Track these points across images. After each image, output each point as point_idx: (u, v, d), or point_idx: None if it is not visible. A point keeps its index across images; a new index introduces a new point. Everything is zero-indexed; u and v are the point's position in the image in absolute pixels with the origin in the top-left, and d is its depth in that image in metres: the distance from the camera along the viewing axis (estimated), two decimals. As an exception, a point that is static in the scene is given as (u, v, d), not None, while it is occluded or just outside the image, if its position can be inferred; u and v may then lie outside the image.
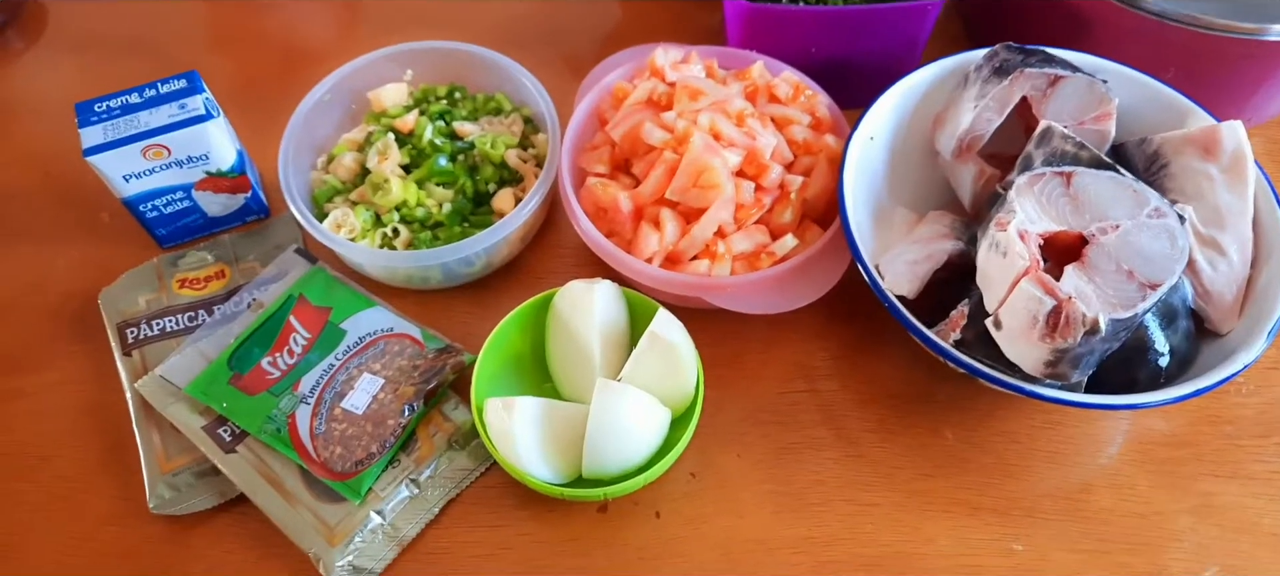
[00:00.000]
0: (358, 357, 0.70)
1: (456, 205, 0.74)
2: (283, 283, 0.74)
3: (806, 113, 0.72)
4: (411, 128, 0.77)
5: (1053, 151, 0.62)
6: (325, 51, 0.92)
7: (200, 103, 0.71)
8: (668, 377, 0.65)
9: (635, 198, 0.69)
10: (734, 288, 0.66)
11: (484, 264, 0.74)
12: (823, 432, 0.69)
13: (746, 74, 0.74)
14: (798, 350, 0.73)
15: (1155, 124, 0.68)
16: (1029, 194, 0.59)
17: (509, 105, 0.81)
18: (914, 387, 0.71)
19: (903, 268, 0.64)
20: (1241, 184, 0.63)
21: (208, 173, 0.74)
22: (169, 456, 0.67)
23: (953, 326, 0.61)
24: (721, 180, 0.66)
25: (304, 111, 0.77)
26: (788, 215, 0.69)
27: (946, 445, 0.68)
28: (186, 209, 0.76)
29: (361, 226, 0.73)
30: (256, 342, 0.70)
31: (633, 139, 0.71)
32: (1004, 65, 0.65)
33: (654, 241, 0.67)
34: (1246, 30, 0.69)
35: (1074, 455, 0.67)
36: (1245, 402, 0.69)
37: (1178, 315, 0.62)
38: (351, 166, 0.77)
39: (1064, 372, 0.56)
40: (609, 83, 0.76)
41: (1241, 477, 0.66)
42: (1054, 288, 0.54)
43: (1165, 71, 0.69)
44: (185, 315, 0.74)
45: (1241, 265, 0.63)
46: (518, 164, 0.76)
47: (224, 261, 0.77)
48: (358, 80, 0.80)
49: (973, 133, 0.67)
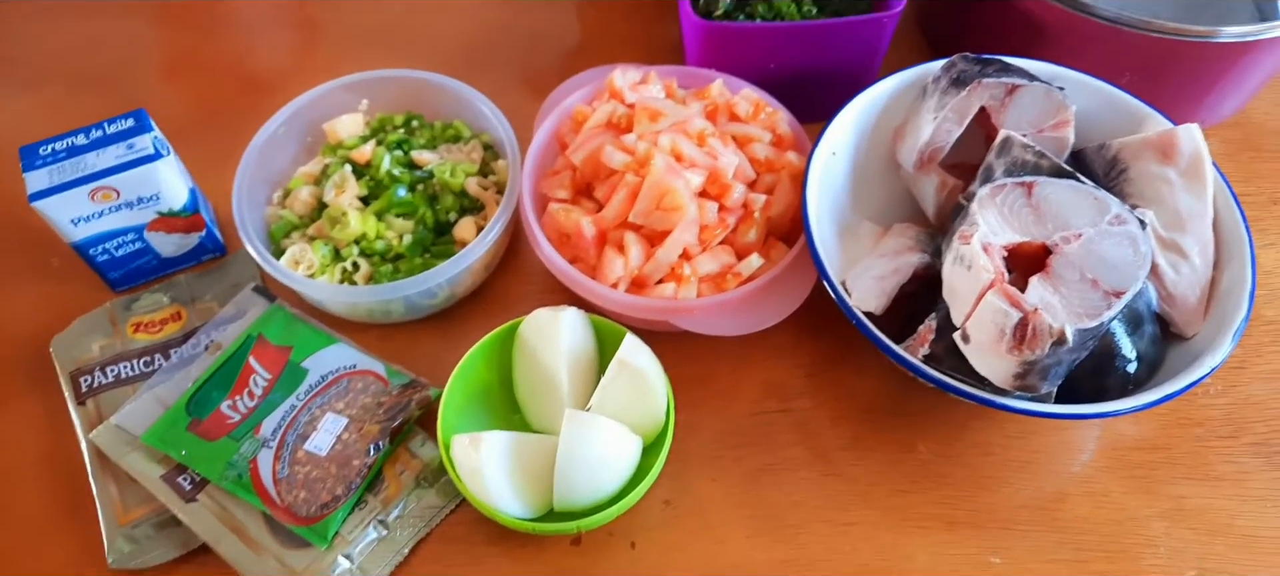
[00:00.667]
0: (320, 397, 0.68)
1: (417, 236, 0.73)
2: (241, 322, 0.72)
3: (767, 130, 0.72)
4: (369, 158, 0.76)
5: (1013, 161, 0.62)
6: (282, 79, 0.91)
7: (149, 142, 0.70)
8: (637, 404, 0.64)
9: (598, 222, 0.68)
10: (701, 310, 0.66)
11: (447, 295, 0.73)
12: (797, 452, 0.68)
13: (706, 93, 0.73)
14: (769, 369, 0.72)
15: (1113, 129, 0.68)
16: (991, 206, 0.59)
17: (468, 132, 0.80)
18: (887, 402, 0.70)
19: (869, 283, 0.64)
20: (1200, 186, 0.63)
21: (159, 213, 0.72)
22: (127, 508, 0.65)
23: (921, 341, 0.60)
24: (684, 202, 0.66)
25: (257, 146, 0.75)
26: (752, 234, 0.68)
27: (921, 459, 0.68)
28: (139, 251, 0.74)
29: (320, 262, 0.72)
30: (215, 386, 0.69)
31: (594, 162, 0.70)
32: (961, 76, 0.65)
33: (619, 266, 0.67)
34: (1199, 33, 0.70)
35: (1048, 464, 0.67)
36: (1213, 403, 0.69)
37: (1143, 320, 0.62)
38: (308, 200, 0.75)
39: (1033, 384, 0.56)
40: (568, 106, 0.75)
41: (1213, 479, 0.66)
42: (1020, 299, 0.54)
43: (1121, 76, 0.69)
44: (141, 360, 0.72)
45: (1204, 267, 0.63)
46: (478, 191, 0.75)
47: (180, 303, 0.75)
48: (313, 112, 0.78)
49: (933, 144, 0.67)
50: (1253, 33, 0.70)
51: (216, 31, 0.97)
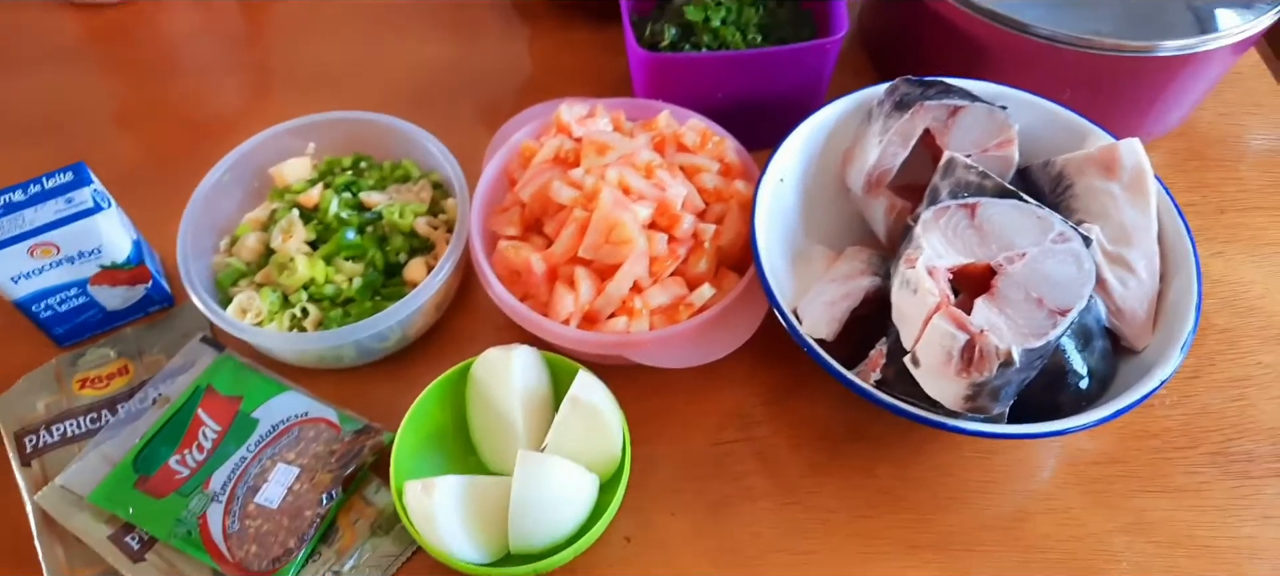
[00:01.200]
0: (271, 447, 0.67)
1: (367, 279, 0.72)
2: (189, 374, 0.71)
3: (715, 159, 0.72)
4: (316, 202, 0.75)
5: (957, 182, 0.63)
6: (230, 124, 0.89)
7: (88, 195, 0.69)
8: (593, 442, 0.63)
9: (548, 258, 0.68)
10: (654, 343, 0.65)
11: (399, 337, 0.72)
12: (757, 481, 0.68)
13: (653, 124, 0.73)
14: (726, 398, 0.71)
15: (1057, 145, 0.69)
16: (935, 228, 0.59)
17: (417, 171, 0.79)
18: (845, 427, 0.70)
19: (820, 309, 0.64)
20: (1143, 200, 0.64)
21: (102, 266, 0.71)
22: (74, 569, 0.63)
23: (872, 366, 0.60)
24: (633, 234, 0.65)
25: (202, 194, 0.74)
26: (703, 265, 0.68)
27: (881, 484, 0.67)
28: (83, 305, 0.73)
29: (269, 309, 0.71)
30: (163, 441, 0.67)
31: (542, 198, 0.69)
32: (904, 99, 0.66)
33: (569, 302, 0.66)
34: (1137, 48, 0.70)
35: (1007, 483, 0.67)
36: (1169, 414, 0.70)
37: (1093, 336, 0.62)
38: (255, 247, 0.74)
39: (984, 405, 0.56)
40: (516, 142, 0.75)
41: (1172, 491, 0.66)
42: (966, 322, 0.54)
43: (1062, 93, 0.70)
44: (87, 417, 0.70)
45: (1150, 281, 0.63)
46: (428, 231, 0.74)
47: (127, 356, 0.74)
48: (258, 156, 0.77)
49: (880, 167, 0.67)
50: (1191, 46, 0.71)
51: (162, 78, 0.95)
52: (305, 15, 1.01)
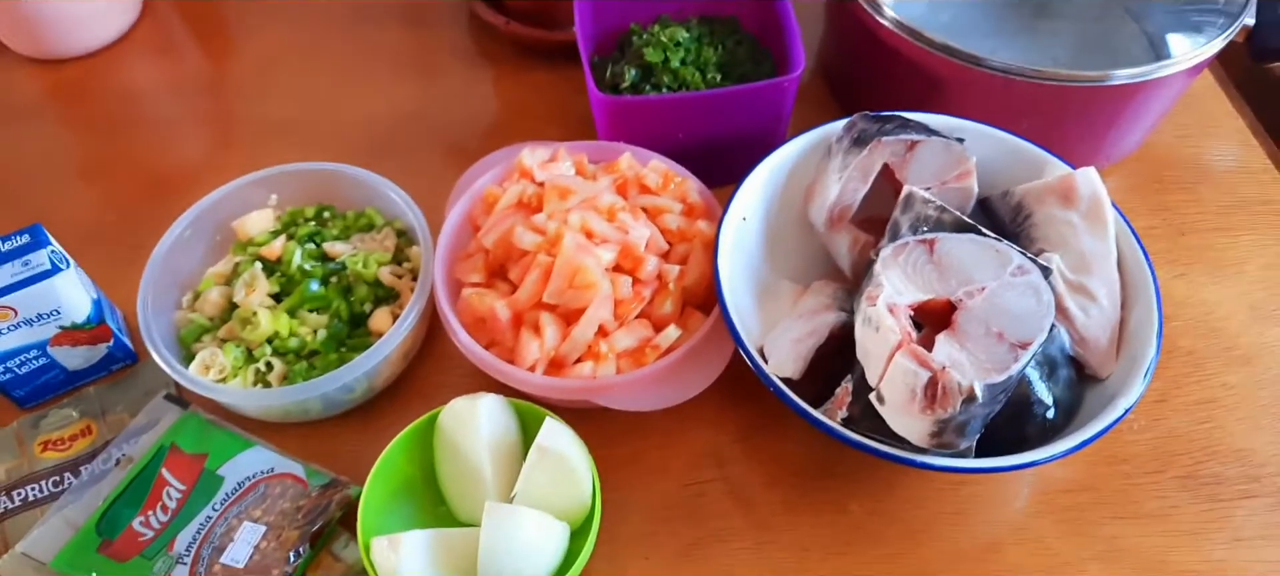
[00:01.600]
0: (237, 505, 0.66)
1: (331, 330, 0.72)
2: (153, 433, 0.70)
3: (678, 200, 0.72)
4: (279, 254, 0.74)
5: (917, 216, 0.63)
6: (193, 174, 0.89)
7: (45, 257, 0.68)
8: (562, 489, 0.63)
9: (513, 305, 0.67)
10: (621, 387, 0.65)
11: (366, 388, 0.71)
12: (730, 522, 0.67)
13: (615, 166, 0.73)
14: (698, 439, 0.71)
15: (1016, 176, 0.69)
16: (894, 265, 0.59)
17: (380, 220, 0.79)
18: (817, 461, 0.69)
19: (786, 347, 0.63)
20: (1101, 228, 0.64)
21: (62, 327, 0.70)
22: (37, 639, 0.62)
23: (838, 404, 0.60)
24: (597, 278, 0.65)
25: (163, 251, 0.73)
26: (668, 306, 0.68)
27: (855, 519, 0.67)
28: (44, 366, 0.72)
29: (233, 364, 0.70)
30: (126, 502, 0.66)
31: (506, 244, 0.69)
32: (862, 135, 0.66)
33: (535, 348, 0.66)
34: (1090, 78, 0.71)
35: (980, 513, 0.67)
36: (1138, 439, 0.70)
37: (1058, 365, 0.62)
38: (218, 301, 0.73)
39: (950, 441, 0.56)
40: (479, 188, 0.75)
41: (1143, 517, 0.66)
42: (927, 359, 0.54)
43: (1019, 124, 0.70)
44: (50, 480, 0.69)
45: (1112, 308, 0.63)
46: (392, 280, 0.74)
47: (90, 416, 0.73)
48: (220, 210, 0.77)
49: (841, 203, 0.68)
50: (1143, 73, 0.72)
51: (123, 132, 0.94)
52: (267, 65, 1.01)
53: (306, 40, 1.02)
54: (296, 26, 1.03)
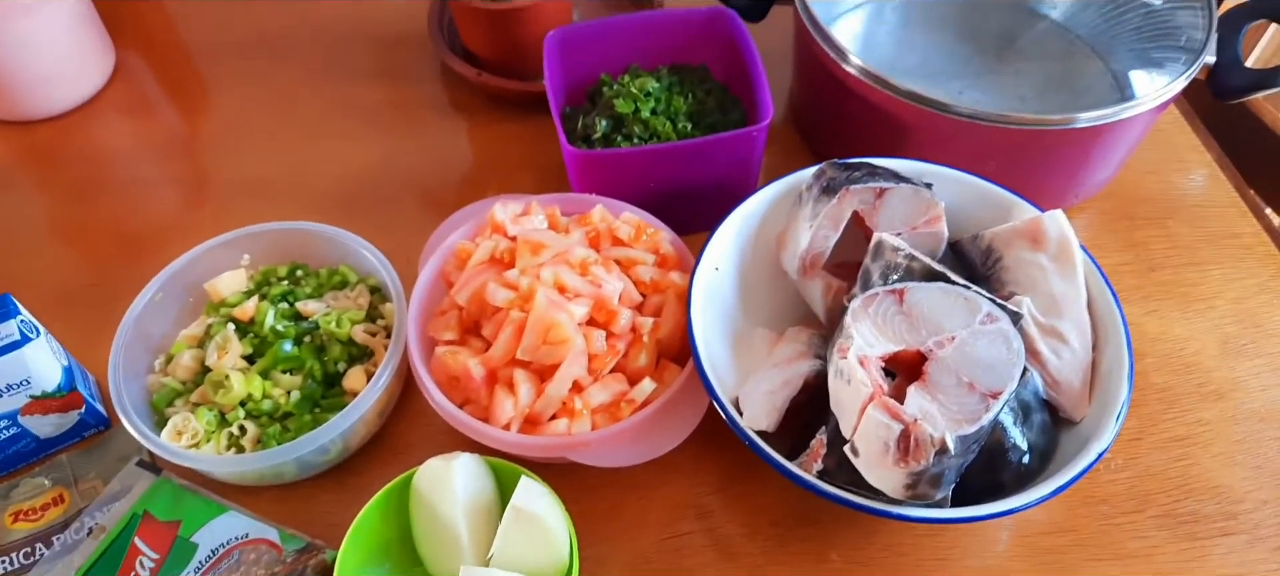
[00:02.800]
0: (212, 572, 0.65)
1: (305, 391, 0.71)
2: (126, 500, 0.69)
3: (650, 251, 0.72)
4: (252, 315, 0.74)
5: (887, 264, 0.63)
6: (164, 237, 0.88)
7: (14, 327, 0.67)
8: (539, 550, 0.62)
9: (486, 362, 0.67)
10: (597, 443, 0.64)
11: (341, 449, 0.71)
12: (711, 574, 0.67)
13: (587, 219, 0.73)
14: (676, 491, 0.71)
15: (985, 219, 0.70)
16: (865, 317, 0.59)
17: (354, 276, 0.79)
18: (796, 511, 0.69)
19: (760, 399, 0.63)
20: (1071, 270, 0.65)
21: (32, 397, 0.69)
22: None
23: (814, 456, 0.60)
24: (570, 334, 0.65)
25: (134, 315, 0.73)
26: (643, 359, 0.68)
27: (835, 568, 0.67)
28: (15, 436, 0.71)
29: (206, 428, 0.69)
30: (99, 573, 0.65)
31: (479, 300, 0.69)
32: (831, 184, 0.66)
33: (509, 406, 0.65)
34: (1055, 122, 0.72)
35: (961, 559, 0.67)
36: (1116, 478, 0.70)
37: (1032, 409, 0.62)
38: (190, 365, 0.73)
39: (925, 492, 0.55)
40: (451, 243, 0.74)
41: (1124, 558, 0.66)
42: (899, 412, 0.54)
43: (987, 167, 0.71)
44: (20, 553, 0.68)
45: (1083, 351, 0.64)
46: (366, 339, 0.73)
47: (62, 485, 0.72)
48: (192, 272, 0.76)
49: (812, 250, 0.68)
50: (1108, 116, 0.72)
51: (94, 194, 0.94)
52: (238, 122, 1.00)
53: (278, 96, 1.02)
54: (268, 83, 1.03)
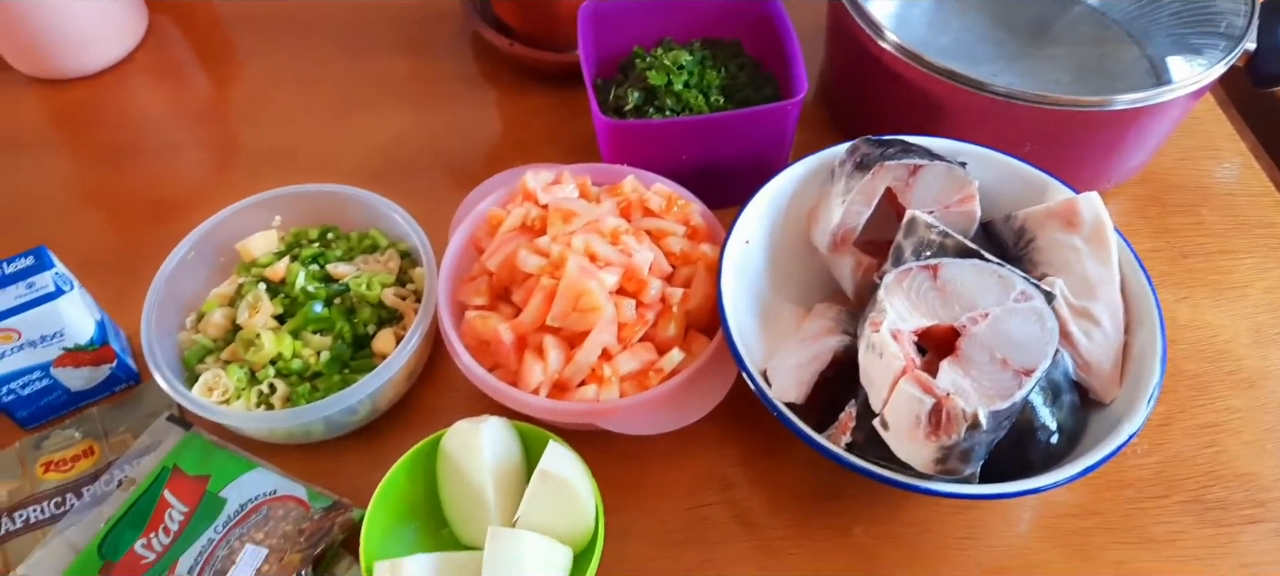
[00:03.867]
0: (239, 527, 0.66)
1: (335, 352, 0.72)
2: (155, 454, 0.70)
3: (681, 223, 0.72)
4: (283, 275, 0.74)
5: (920, 241, 0.63)
6: (195, 198, 0.89)
7: (50, 279, 0.68)
8: (564, 514, 0.62)
9: (516, 327, 0.67)
10: (624, 411, 0.65)
11: (369, 410, 0.71)
12: (733, 547, 0.67)
13: (619, 189, 0.73)
14: (701, 462, 0.71)
15: (1018, 199, 0.69)
16: (898, 291, 0.59)
17: (384, 241, 0.79)
18: (821, 486, 0.69)
19: (789, 372, 0.63)
20: (1104, 252, 0.64)
21: (65, 349, 0.70)
22: (38, 662, 0.62)
23: (842, 430, 0.60)
24: (600, 302, 0.65)
25: (166, 273, 0.73)
26: (672, 329, 0.68)
27: (858, 542, 0.67)
28: (47, 387, 0.72)
29: (236, 385, 0.70)
30: (128, 524, 0.66)
31: (509, 267, 0.69)
32: (864, 159, 0.66)
33: (538, 371, 0.66)
34: (1092, 103, 0.71)
35: (984, 538, 0.67)
36: (1142, 463, 0.70)
37: (1062, 390, 0.62)
38: (221, 323, 0.73)
39: (954, 467, 0.55)
40: (482, 210, 0.75)
41: (1148, 542, 0.66)
42: (932, 386, 0.54)
43: (1021, 148, 0.71)
44: (52, 502, 0.69)
45: (1115, 333, 0.63)
46: (396, 302, 0.74)
47: (93, 437, 0.73)
48: (224, 232, 0.77)
49: (844, 227, 0.68)
50: (1145, 99, 0.72)
51: (125, 156, 0.95)
52: (269, 90, 1.01)
53: (308, 65, 1.02)
54: (298, 52, 1.04)
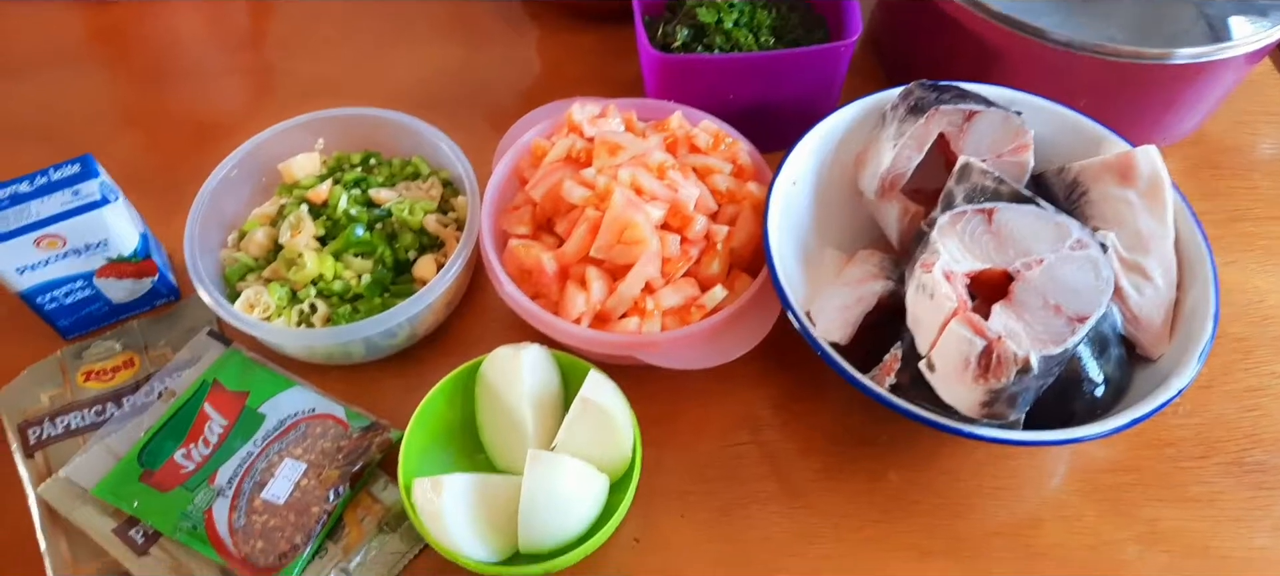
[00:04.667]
0: (278, 443, 0.66)
1: (376, 275, 0.72)
2: (196, 368, 0.70)
3: (728, 161, 0.71)
4: (325, 198, 0.74)
5: (972, 187, 0.62)
6: (234, 124, 0.89)
7: (95, 187, 0.68)
8: (603, 442, 0.63)
9: (559, 257, 0.67)
10: (666, 344, 0.65)
11: (408, 334, 0.71)
12: (767, 485, 0.67)
13: (665, 125, 0.72)
14: (736, 401, 0.71)
15: (1072, 152, 0.68)
16: (952, 233, 0.58)
17: (426, 169, 0.79)
18: (856, 431, 0.69)
19: (834, 313, 0.63)
20: (1160, 208, 0.63)
21: (109, 259, 0.70)
22: (78, 563, 0.63)
23: (887, 371, 0.60)
24: (646, 235, 0.65)
25: (210, 188, 0.74)
26: (715, 266, 0.68)
27: (892, 489, 0.67)
28: (89, 297, 0.72)
29: (277, 304, 0.70)
30: (168, 435, 0.67)
31: (554, 197, 0.69)
32: (919, 103, 0.65)
33: (581, 302, 0.65)
34: (1153, 55, 0.70)
35: (1019, 489, 0.67)
36: (1184, 424, 0.69)
37: (1109, 343, 0.62)
38: (263, 242, 0.74)
39: (1001, 412, 0.55)
40: (527, 141, 0.74)
41: (1186, 501, 0.66)
42: (983, 328, 0.53)
43: (1077, 100, 0.69)
44: (92, 410, 0.69)
45: (1167, 288, 0.63)
46: (438, 229, 0.74)
47: (133, 349, 0.73)
48: (266, 152, 0.77)
49: (894, 171, 0.67)
50: (1206, 54, 0.71)
51: (166, 79, 0.95)
52: (309, 19, 1.00)
53: (349, -4, 1.02)
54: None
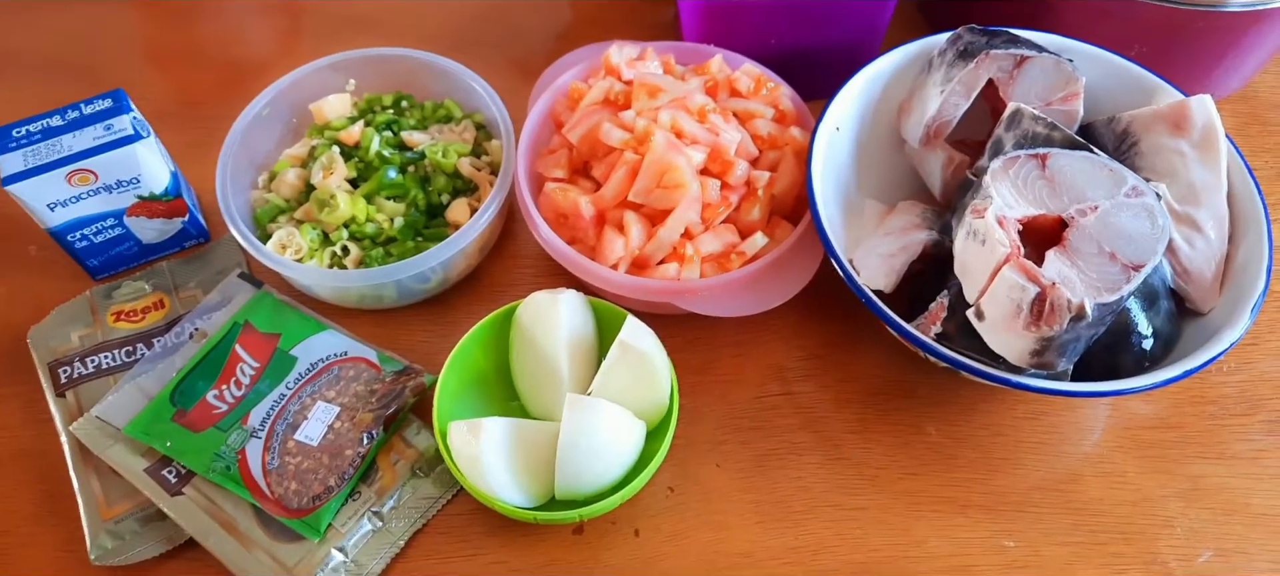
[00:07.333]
0: (310, 385, 0.66)
1: (408, 219, 0.71)
2: (227, 310, 0.70)
3: (769, 106, 0.70)
4: (357, 139, 0.73)
5: (1023, 133, 0.61)
6: (264, 63, 0.88)
7: (128, 123, 0.67)
8: (641, 388, 0.62)
9: (597, 201, 0.66)
10: (705, 291, 0.64)
11: (440, 279, 0.71)
12: (803, 437, 0.66)
13: (705, 68, 0.71)
14: (773, 352, 0.70)
15: (1123, 102, 0.67)
16: (1005, 178, 0.57)
17: (459, 112, 0.78)
18: (894, 384, 0.68)
19: (877, 261, 0.62)
20: (1214, 159, 0.62)
21: (140, 197, 0.70)
22: (110, 502, 0.62)
23: (933, 319, 0.59)
24: (686, 179, 0.63)
25: (241, 128, 0.73)
26: (756, 212, 0.66)
27: (930, 442, 0.66)
28: (119, 236, 0.72)
29: (309, 246, 0.69)
30: (200, 375, 0.66)
31: (591, 141, 0.68)
32: (969, 48, 0.64)
33: (619, 246, 0.64)
34: (1208, 2, 0.68)
35: (1060, 444, 0.66)
36: (1227, 381, 0.68)
37: (1159, 296, 0.61)
38: (295, 183, 0.73)
39: (1050, 361, 0.54)
40: (563, 83, 0.73)
41: (1228, 458, 0.65)
42: (1037, 274, 0.52)
43: (1130, 48, 0.68)
44: (122, 350, 0.69)
45: (1219, 242, 0.61)
46: (472, 172, 0.73)
47: (163, 290, 0.73)
48: (298, 92, 0.76)
49: (940, 118, 0.66)
50: (1261, 2, 0.69)
51: (197, 20, 0.93)
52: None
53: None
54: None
